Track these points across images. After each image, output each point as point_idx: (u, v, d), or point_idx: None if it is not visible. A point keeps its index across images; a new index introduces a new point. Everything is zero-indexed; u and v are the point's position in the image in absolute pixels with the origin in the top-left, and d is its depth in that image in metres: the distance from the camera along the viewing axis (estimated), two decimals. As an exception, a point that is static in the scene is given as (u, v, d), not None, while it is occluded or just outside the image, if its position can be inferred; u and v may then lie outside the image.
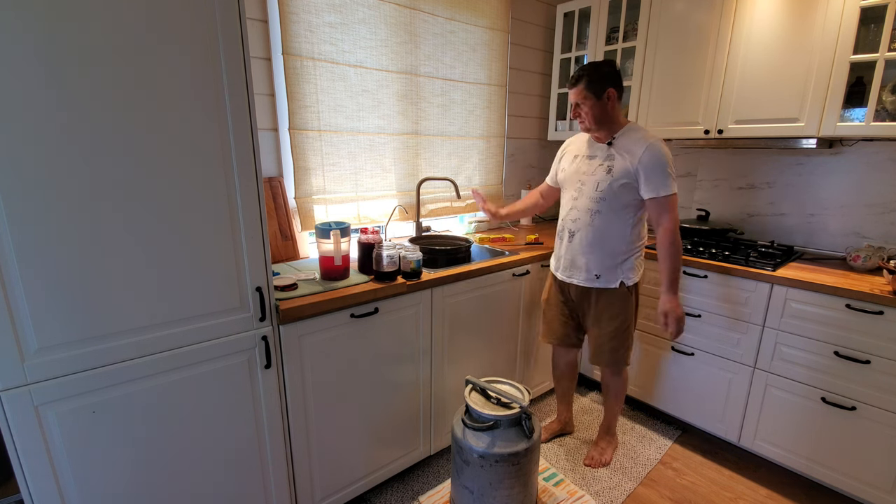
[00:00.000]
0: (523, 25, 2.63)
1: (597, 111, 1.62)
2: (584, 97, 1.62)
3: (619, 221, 1.67)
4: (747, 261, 1.89)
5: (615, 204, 1.65)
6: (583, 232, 1.72)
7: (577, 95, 1.63)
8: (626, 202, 1.64)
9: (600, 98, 1.60)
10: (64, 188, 0.96)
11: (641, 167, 1.58)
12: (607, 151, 1.67)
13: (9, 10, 0.86)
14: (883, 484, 1.63)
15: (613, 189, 1.63)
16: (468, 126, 2.47)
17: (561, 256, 1.84)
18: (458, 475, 1.57)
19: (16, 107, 0.89)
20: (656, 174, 1.57)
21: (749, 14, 1.93)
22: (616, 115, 1.66)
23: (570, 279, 1.82)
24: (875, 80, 1.66)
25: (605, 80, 1.60)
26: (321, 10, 1.79)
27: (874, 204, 1.96)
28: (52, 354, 1.01)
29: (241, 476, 1.37)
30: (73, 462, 1.08)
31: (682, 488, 1.87)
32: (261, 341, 1.31)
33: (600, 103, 1.61)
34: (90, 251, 1.01)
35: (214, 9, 1.07)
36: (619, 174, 1.62)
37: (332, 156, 1.95)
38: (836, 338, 1.66)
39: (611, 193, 1.64)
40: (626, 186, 1.62)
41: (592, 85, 1.60)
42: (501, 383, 1.69)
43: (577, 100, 1.64)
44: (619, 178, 1.62)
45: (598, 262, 1.72)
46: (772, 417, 1.86)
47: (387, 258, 1.58)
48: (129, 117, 1.01)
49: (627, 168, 1.60)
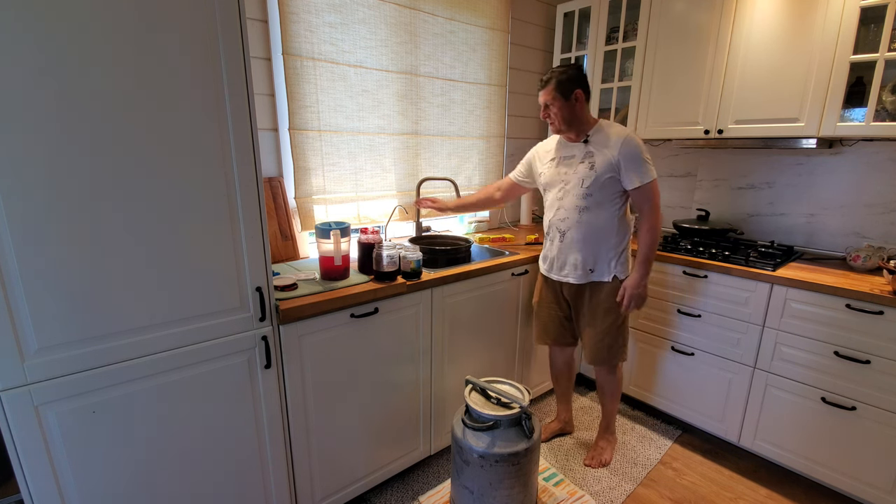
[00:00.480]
0: (523, 25, 2.63)
1: (565, 112, 1.68)
2: (552, 98, 1.68)
3: (606, 214, 1.71)
4: (747, 261, 1.89)
5: (601, 198, 1.69)
6: (573, 229, 1.75)
7: (547, 96, 1.69)
8: (611, 195, 1.70)
9: (568, 99, 1.66)
10: (64, 188, 0.96)
11: (622, 159, 1.64)
12: (585, 149, 1.72)
13: (9, 10, 0.86)
14: (883, 484, 1.63)
15: (599, 183, 1.67)
16: (468, 126, 2.47)
17: (553, 257, 1.85)
18: (458, 475, 1.57)
19: (16, 107, 0.89)
20: (637, 164, 1.64)
21: (749, 14, 1.93)
22: (584, 116, 1.72)
23: (564, 278, 1.83)
24: (875, 80, 1.66)
25: (573, 82, 1.66)
26: (321, 10, 1.79)
27: (874, 204, 1.96)
28: (52, 354, 1.01)
29: (241, 476, 1.37)
30: (73, 462, 1.08)
31: (682, 488, 1.87)
32: (261, 341, 1.31)
33: (568, 104, 1.67)
34: (90, 251, 1.01)
35: (214, 9, 1.07)
36: (602, 169, 1.66)
37: (332, 156, 1.95)
38: (836, 338, 1.66)
39: (597, 188, 1.68)
40: (611, 179, 1.67)
41: (561, 86, 1.66)
42: (501, 383, 1.69)
43: (547, 101, 1.70)
44: (603, 173, 1.66)
45: (592, 255, 1.76)
46: (772, 417, 1.86)
47: (387, 258, 1.58)
48: (129, 117, 1.01)
49: (610, 161, 1.65)
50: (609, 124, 1.71)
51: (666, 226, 2.67)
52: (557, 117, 1.69)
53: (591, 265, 1.78)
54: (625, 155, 1.63)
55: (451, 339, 1.85)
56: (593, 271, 1.78)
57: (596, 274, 1.78)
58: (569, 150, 1.77)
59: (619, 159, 1.64)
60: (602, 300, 1.80)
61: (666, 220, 2.67)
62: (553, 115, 1.70)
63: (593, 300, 1.82)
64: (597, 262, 1.77)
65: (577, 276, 1.80)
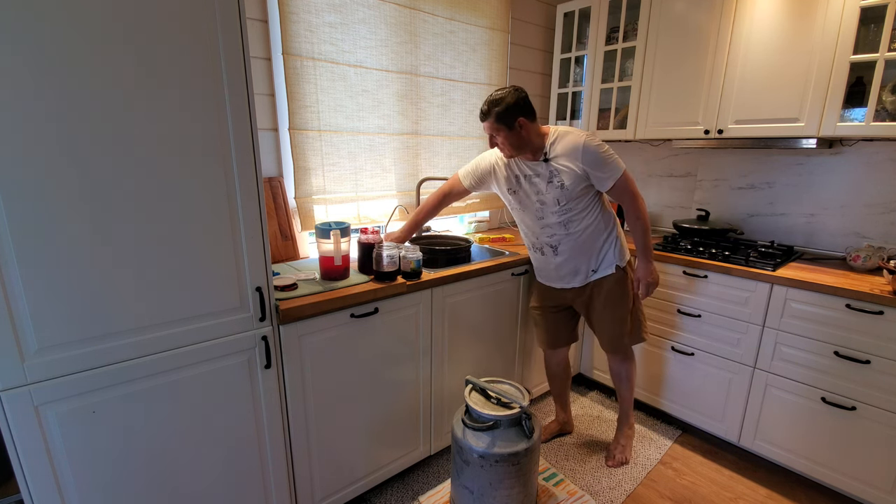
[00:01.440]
0: (523, 25, 2.63)
1: (512, 140, 1.63)
2: (496, 129, 1.62)
3: (589, 217, 1.72)
4: (747, 261, 1.89)
5: (580, 206, 1.69)
6: (564, 243, 1.75)
7: (490, 129, 1.64)
8: (588, 200, 1.70)
9: (512, 129, 1.60)
10: (64, 188, 0.96)
11: (588, 167, 1.62)
12: (548, 168, 1.67)
13: (9, 10, 0.86)
14: (883, 484, 1.63)
15: (574, 197, 1.67)
16: (468, 126, 2.47)
17: (551, 269, 1.84)
18: (458, 475, 1.57)
19: (16, 108, 0.89)
20: (602, 165, 1.62)
21: (749, 14, 1.93)
22: (534, 137, 1.65)
23: (568, 285, 1.84)
24: (875, 80, 1.66)
25: (512, 112, 1.58)
26: (321, 10, 1.79)
27: (874, 204, 1.96)
28: (52, 354, 1.01)
29: (241, 476, 1.37)
30: (73, 462, 1.07)
31: (682, 488, 1.87)
32: (261, 341, 1.31)
33: (514, 133, 1.61)
34: (90, 251, 1.01)
35: (214, 9, 1.07)
36: (572, 183, 1.64)
37: (332, 156, 1.95)
38: (836, 338, 1.66)
39: (573, 201, 1.68)
40: (584, 189, 1.67)
41: (501, 118, 1.59)
42: (501, 383, 1.69)
43: (491, 132, 1.65)
44: (575, 186, 1.64)
45: (591, 259, 1.77)
46: (772, 417, 1.86)
47: (387, 258, 1.58)
48: (129, 117, 1.01)
49: (576, 173, 1.63)
50: (563, 133, 1.66)
51: (666, 225, 2.67)
52: (505, 146, 1.65)
53: (593, 266, 1.79)
54: (589, 162, 1.61)
55: (451, 339, 1.85)
56: (596, 271, 1.79)
57: (599, 272, 1.79)
58: (533, 169, 1.70)
59: (585, 168, 1.62)
60: (611, 290, 1.80)
61: (666, 220, 2.67)
62: (501, 144, 1.66)
63: (602, 294, 1.82)
64: (597, 262, 1.78)
65: (580, 281, 1.82)
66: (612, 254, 1.77)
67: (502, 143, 1.65)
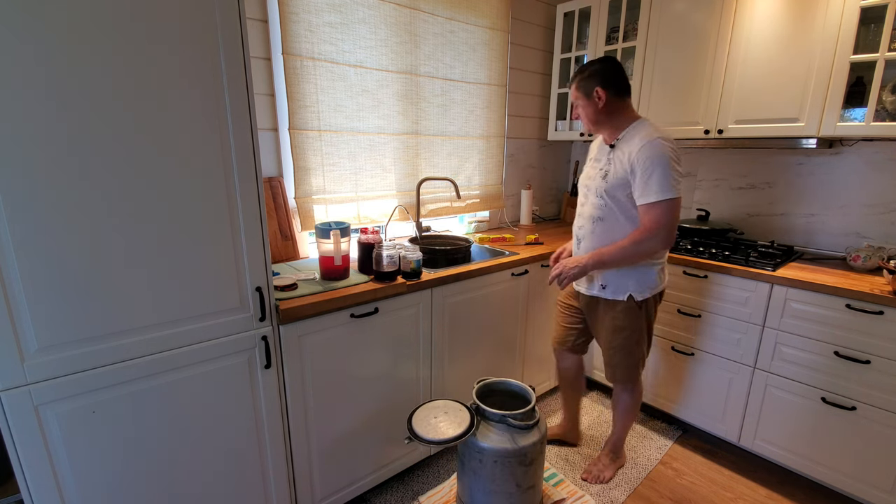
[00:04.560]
0: (523, 25, 2.63)
1: (589, 111, 1.57)
2: (576, 97, 1.59)
3: (622, 230, 1.55)
4: (747, 261, 1.89)
5: (616, 208, 1.55)
6: (587, 240, 1.65)
7: (573, 96, 1.61)
8: (628, 206, 1.53)
9: (590, 98, 1.55)
10: (65, 189, 0.96)
11: (636, 164, 1.46)
12: (608, 155, 1.58)
13: (9, 10, 0.86)
14: (883, 484, 1.63)
15: (611, 195, 1.54)
16: (468, 126, 2.47)
17: None
18: (464, 473, 1.57)
19: (18, 110, 0.89)
20: (650, 172, 1.43)
21: (749, 14, 1.93)
22: (613, 116, 1.55)
23: (577, 286, 1.77)
24: (875, 80, 1.66)
25: (592, 79, 1.53)
26: (321, 10, 1.79)
27: (874, 204, 1.96)
28: (52, 354, 1.01)
29: (241, 476, 1.37)
30: (73, 462, 1.08)
31: (682, 488, 1.87)
32: (261, 341, 1.31)
33: (591, 103, 1.55)
34: (90, 251, 1.01)
35: (214, 9, 1.07)
36: (614, 179, 1.52)
37: (332, 156, 1.95)
38: (836, 338, 1.66)
39: (611, 199, 1.55)
40: (626, 195, 1.52)
41: (581, 85, 1.56)
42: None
43: (573, 100, 1.62)
44: (615, 184, 1.52)
45: (607, 273, 1.64)
46: (772, 417, 1.86)
47: (387, 258, 1.58)
48: (129, 117, 1.01)
49: (623, 169, 1.49)
50: (642, 126, 1.50)
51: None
52: (583, 117, 1.59)
53: (603, 281, 1.65)
54: (639, 161, 1.43)
55: (451, 339, 1.85)
56: (605, 287, 1.65)
57: (608, 291, 1.65)
58: (600, 153, 1.63)
59: (632, 165, 1.45)
60: (613, 318, 1.67)
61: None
62: (580, 115, 1.60)
63: (606, 317, 1.69)
64: (610, 279, 1.63)
65: (587, 288, 1.72)
66: (631, 280, 1.60)
67: (581, 114, 1.60)
